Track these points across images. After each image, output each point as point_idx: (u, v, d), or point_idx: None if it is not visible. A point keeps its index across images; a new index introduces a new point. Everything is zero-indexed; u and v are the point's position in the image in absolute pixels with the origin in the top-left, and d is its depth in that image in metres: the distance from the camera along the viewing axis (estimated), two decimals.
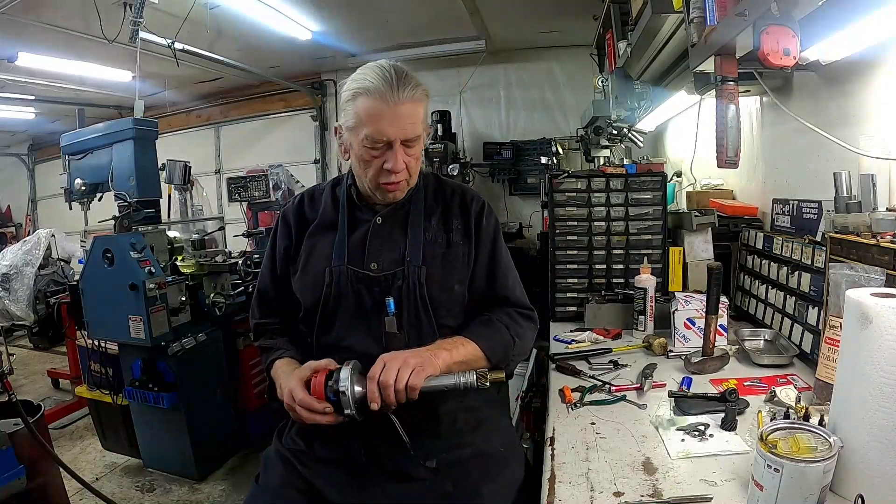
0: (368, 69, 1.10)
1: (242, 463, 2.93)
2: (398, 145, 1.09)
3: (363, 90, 1.07)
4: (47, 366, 4.39)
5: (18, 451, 1.86)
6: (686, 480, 0.95)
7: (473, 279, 1.21)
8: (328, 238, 1.21)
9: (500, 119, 5.21)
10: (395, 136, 1.08)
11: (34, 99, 5.14)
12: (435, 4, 3.72)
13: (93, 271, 2.57)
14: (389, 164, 1.09)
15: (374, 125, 1.07)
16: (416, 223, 1.20)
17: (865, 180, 1.30)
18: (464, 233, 1.22)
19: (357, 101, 1.09)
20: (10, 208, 7.85)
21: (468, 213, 1.23)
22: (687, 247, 2.01)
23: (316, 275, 1.18)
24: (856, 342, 0.84)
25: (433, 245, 1.19)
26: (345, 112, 1.12)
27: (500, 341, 1.16)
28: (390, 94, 1.05)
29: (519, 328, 1.20)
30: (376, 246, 1.19)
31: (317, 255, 1.20)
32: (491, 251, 1.23)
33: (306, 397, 1.02)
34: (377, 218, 1.20)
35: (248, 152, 6.04)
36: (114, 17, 3.12)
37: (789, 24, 0.97)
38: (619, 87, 2.45)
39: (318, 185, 1.34)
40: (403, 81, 1.06)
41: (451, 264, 1.19)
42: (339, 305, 1.16)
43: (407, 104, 1.07)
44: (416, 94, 1.08)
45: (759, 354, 1.49)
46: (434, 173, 1.33)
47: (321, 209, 1.25)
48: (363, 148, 1.10)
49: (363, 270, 1.16)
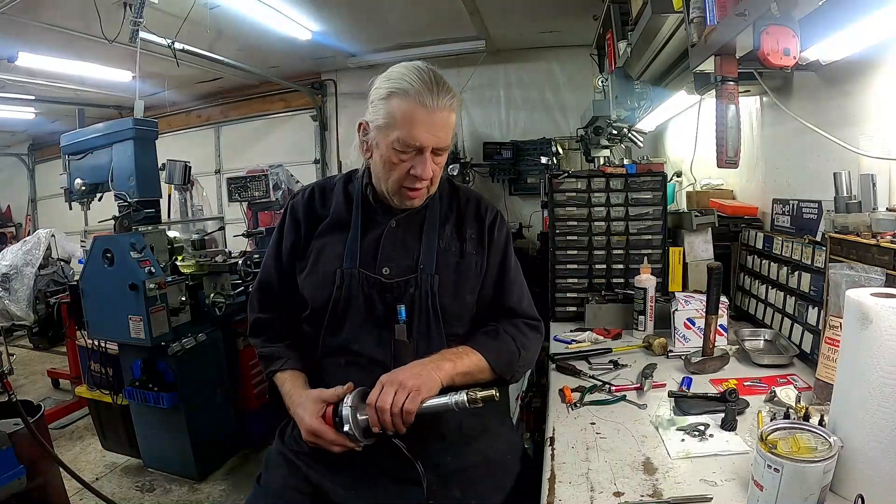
0: (406, 69, 1.07)
1: (242, 463, 2.93)
2: (429, 153, 1.06)
3: (401, 91, 1.04)
4: (47, 366, 4.38)
5: (18, 451, 1.86)
6: (686, 480, 0.95)
7: (482, 288, 1.20)
8: (339, 237, 1.18)
9: (500, 119, 5.22)
10: (428, 143, 1.05)
11: (34, 99, 5.15)
12: (435, 4, 3.72)
13: (93, 271, 2.57)
14: (417, 171, 1.06)
15: (408, 129, 1.04)
16: (431, 230, 1.18)
17: (865, 180, 1.30)
18: (477, 242, 1.20)
19: (392, 101, 1.05)
20: (10, 208, 7.86)
21: (482, 223, 1.21)
22: (687, 247, 2.01)
23: (326, 275, 1.15)
24: (856, 342, 0.84)
25: (447, 254, 1.17)
26: (375, 110, 1.08)
27: (505, 352, 1.15)
28: (430, 99, 1.03)
29: (525, 339, 1.19)
30: (389, 250, 1.16)
31: (327, 254, 1.17)
32: (501, 261, 1.22)
33: (337, 437, 1.04)
34: (392, 221, 1.18)
35: (248, 152, 6.04)
36: (114, 17, 3.13)
37: (789, 24, 0.97)
38: (619, 87, 2.45)
39: (329, 179, 1.30)
40: (443, 89, 1.04)
41: (463, 274, 1.17)
42: (349, 308, 1.14)
43: (444, 111, 1.05)
44: (454, 102, 1.06)
45: (759, 354, 1.49)
46: (448, 178, 1.30)
47: (333, 206, 1.21)
48: (392, 150, 1.06)
49: (375, 275, 1.14)
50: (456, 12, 3.83)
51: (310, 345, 1.19)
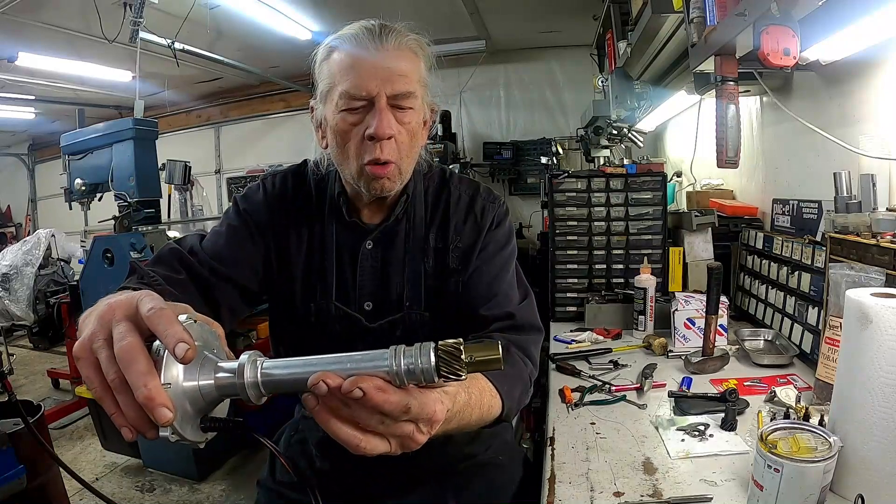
0: (347, 26, 0.91)
1: (242, 463, 2.93)
2: (383, 102, 0.85)
3: (339, 41, 0.88)
4: (47, 366, 4.38)
5: (18, 451, 1.85)
6: (686, 480, 0.95)
7: (477, 295, 0.99)
8: (309, 258, 0.99)
9: (499, 119, 5.22)
10: (375, 89, 0.84)
11: (34, 99, 5.15)
12: (435, 4, 3.72)
13: (93, 271, 2.57)
14: (372, 128, 0.84)
15: (351, 77, 0.85)
16: (416, 248, 0.98)
17: (865, 180, 1.30)
18: (464, 252, 0.99)
19: (331, 57, 0.88)
20: (10, 208, 7.86)
21: (476, 226, 1.00)
22: (687, 247, 2.01)
23: (295, 307, 0.98)
24: (856, 342, 0.84)
25: (437, 277, 0.98)
26: (319, 77, 0.91)
27: (516, 382, 0.90)
28: (371, 40, 0.86)
29: (533, 367, 0.97)
30: (368, 279, 0.98)
31: (296, 280, 0.99)
32: (499, 270, 1.01)
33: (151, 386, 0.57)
34: (367, 242, 0.98)
35: (248, 152, 6.05)
36: (114, 17, 3.13)
37: (789, 24, 0.97)
38: (619, 87, 2.45)
39: (295, 171, 1.06)
40: (392, 31, 0.88)
41: (458, 301, 0.97)
42: (325, 348, 0.96)
43: (393, 51, 0.86)
44: (406, 41, 0.88)
45: (759, 354, 1.49)
46: (442, 167, 1.09)
47: (303, 215, 1.01)
48: (340, 114, 0.86)
49: (356, 314, 0.97)
50: (456, 12, 3.83)
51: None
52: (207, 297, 0.93)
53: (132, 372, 0.47)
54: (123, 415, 0.49)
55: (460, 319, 0.97)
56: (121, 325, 0.51)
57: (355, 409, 0.52)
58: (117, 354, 0.49)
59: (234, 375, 0.52)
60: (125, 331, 0.50)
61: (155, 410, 0.46)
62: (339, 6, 3.65)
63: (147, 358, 0.49)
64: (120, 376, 0.48)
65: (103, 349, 0.50)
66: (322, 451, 1.11)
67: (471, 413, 0.74)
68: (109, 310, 0.52)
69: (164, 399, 0.47)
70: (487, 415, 0.79)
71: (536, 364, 0.98)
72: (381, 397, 0.51)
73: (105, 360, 0.50)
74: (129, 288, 0.76)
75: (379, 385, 0.51)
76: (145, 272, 0.85)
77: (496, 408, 0.82)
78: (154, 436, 0.49)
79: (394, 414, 0.53)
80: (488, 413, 0.79)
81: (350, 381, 0.50)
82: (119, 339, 0.49)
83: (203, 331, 0.55)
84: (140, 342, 0.50)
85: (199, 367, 0.52)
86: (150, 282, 0.82)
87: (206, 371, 0.52)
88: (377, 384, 0.51)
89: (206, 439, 0.54)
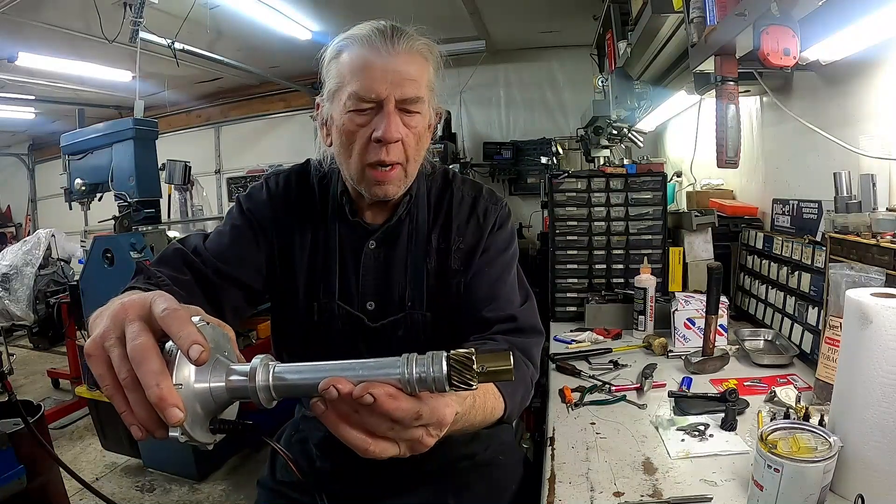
0: (359, 25, 0.92)
1: (242, 463, 2.93)
2: (391, 106, 0.86)
3: (349, 40, 0.89)
4: (47, 366, 4.38)
5: (18, 451, 1.85)
6: (686, 480, 0.95)
7: (479, 297, 0.99)
8: (312, 257, 0.99)
9: (499, 119, 5.22)
10: (385, 92, 0.85)
11: (34, 99, 5.16)
12: (435, 4, 3.72)
13: (93, 271, 2.57)
14: (380, 132, 0.85)
15: (360, 79, 0.85)
16: (418, 249, 0.99)
17: (865, 180, 1.30)
18: (466, 254, 0.99)
19: (341, 56, 0.89)
20: (10, 208, 7.87)
21: (478, 228, 1.01)
22: (687, 247, 2.01)
23: (298, 306, 1.00)
24: (856, 342, 0.84)
25: (439, 277, 0.98)
26: (327, 76, 0.91)
27: (519, 384, 0.91)
28: (382, 42, 0.86)
29: (535, 370, 0.98)
30: (371, 279, 0.98)
31: (300, 279, 1.00)
32: (501, 272, 1.01)
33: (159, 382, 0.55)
34: (370, 242, 0.99)
35: (248, 152, 6.05)
36: (114, 17, 3.13)
37: (789, 24, 0.97)
38: (619, 87, 2.46)
39: (298, 170, 1.06)
40: (403, 34, 0.89)
41: (459, 302, 0.98)
42: (328, 347, 0.98)
43: (405, 55, 0.87)
44: (417, 45, 0.89)
45: (759, 354, 1.49)
46: (445, 168, 1.10)
47: (307, 214, 1.01)
48: (347, 114, 0.87)
49: (358, 313, 0.97)
50: (456, 12, 3.83)
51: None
52: (212, 298, 0.93)
53: (144, 371, 0.48)
54: (134, 414, 0.50)
55: (462, 321, 0.98)
56: (134, 324, 0.51)
57: (365, 414, 0.53)
58: (130, 353, 0.49)
59: (247, 378, 0.53)
60: (138, 330, 0.50)
61: (166, 410, 0.47)
62: (339, 6, 3.65)
63: (160, 358, 0.49)
64: (132, 375, 0.49)
65: (116, 347, 0.50)
66: (323, 451, 1.11)
67: (476, 415, 0.75)
68: (122, 309, 0.53)
69: (175, 399, 0.47)
70: (491, 416, 0.81)
71: (537, 367, 0.99)
72: (392, 404, 0.51)
73: (117, 359, 0.50)
74: (138, 288, 0.77)
75: (390, 392, 0.51)
76: (152, 272, 0.85)
77: (499, 409, 0.84)
78: (163, 435, 0.50)
79: (405, 421, 0.53)
80: (492, 415, 0.81)
81: (361, 387, 0.50)
82: (132, 338, 0.50)
83: (215, 333, 0.55)
84: (153, 342, 0.50)
85: (211, 368, 0.53)
86: (157, 282, 0.82)
87: (218, 373, 0.53)
88: (388, 391, 0.51)
89: (215, 441, 0.54)
